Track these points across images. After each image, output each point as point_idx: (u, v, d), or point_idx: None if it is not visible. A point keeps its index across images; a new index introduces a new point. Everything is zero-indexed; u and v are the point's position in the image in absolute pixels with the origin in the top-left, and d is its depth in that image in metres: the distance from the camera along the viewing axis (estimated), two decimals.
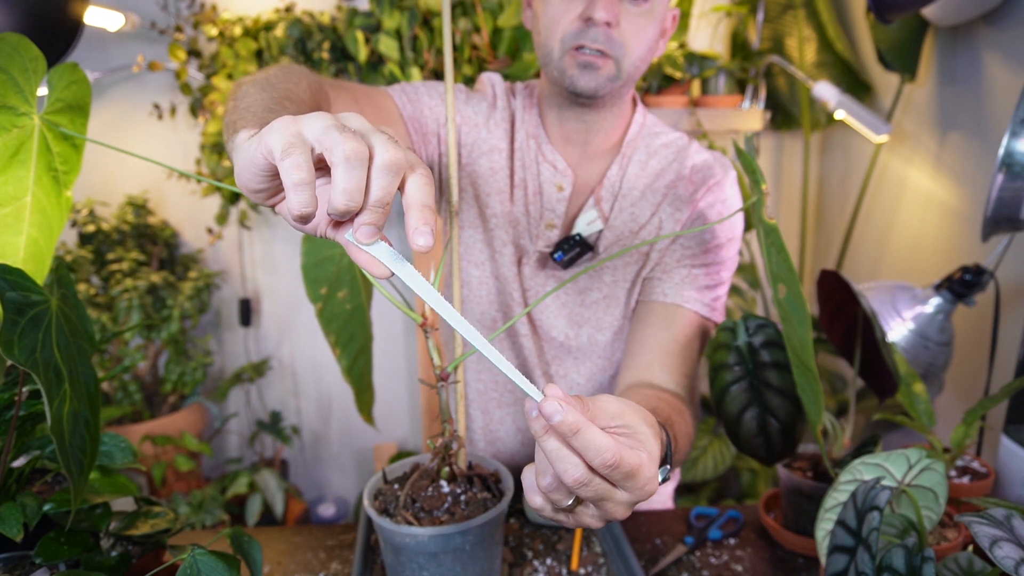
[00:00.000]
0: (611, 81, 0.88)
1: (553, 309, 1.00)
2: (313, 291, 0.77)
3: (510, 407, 1.09)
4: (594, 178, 0.97)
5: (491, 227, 0.98)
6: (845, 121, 1.66)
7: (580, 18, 0.85)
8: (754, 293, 2.01)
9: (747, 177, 0.80)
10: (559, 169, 0.96)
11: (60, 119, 0.66)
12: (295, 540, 1.02)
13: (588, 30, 0.85)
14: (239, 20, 1.89)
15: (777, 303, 0.82)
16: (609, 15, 0.83)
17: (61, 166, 0.67)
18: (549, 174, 0.96)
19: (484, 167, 0.98)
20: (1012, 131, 1.06)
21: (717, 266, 0.94)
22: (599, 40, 0.84)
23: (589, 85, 0.87)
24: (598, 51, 0.85)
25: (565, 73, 0.88)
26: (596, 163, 0.98)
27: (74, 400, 0.57)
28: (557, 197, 0.96)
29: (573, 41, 0.86)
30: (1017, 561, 0.56)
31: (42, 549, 0.68)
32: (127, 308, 1.81)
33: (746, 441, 0.96)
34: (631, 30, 0.86)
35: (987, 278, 1.20)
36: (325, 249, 0.77)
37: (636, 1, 0.85)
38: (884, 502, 0.62)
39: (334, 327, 0.80)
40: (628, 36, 0.86)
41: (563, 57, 0.88)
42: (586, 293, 0.98)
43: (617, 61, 0.87)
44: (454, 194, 0.72)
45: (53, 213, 0.67)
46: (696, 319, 0.93)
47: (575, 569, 0.91)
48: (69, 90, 0.67)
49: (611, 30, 0.84)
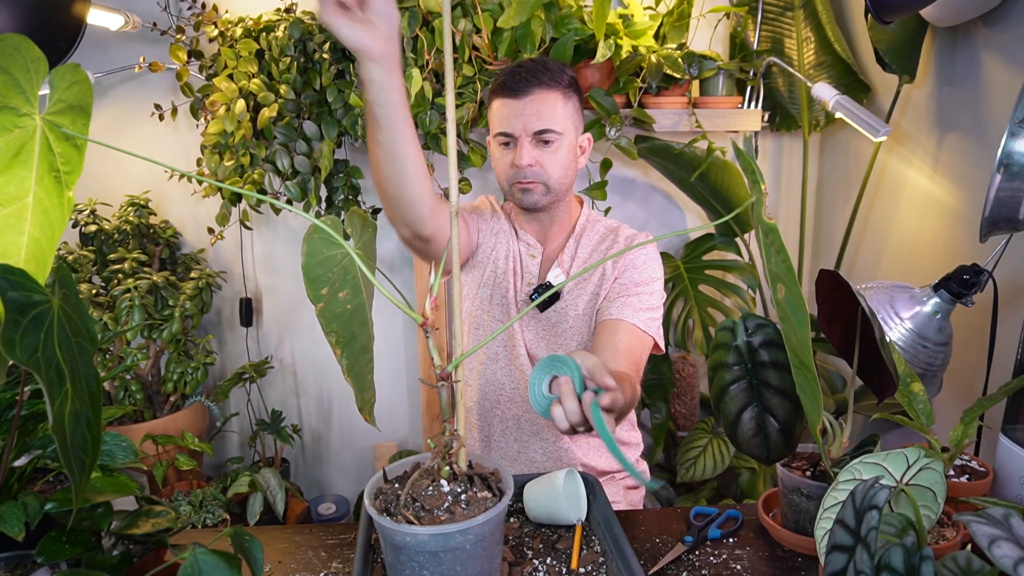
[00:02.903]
0: (544, 195, 1.28)
1: (534, 340, 1.36)
2: (314, 291, 0.76)
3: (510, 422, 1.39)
4: (556, 250, 1.38)
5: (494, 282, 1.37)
6: (844, 121, 1.66)
7: (513, 165, 1.26)
8: (754, 293, 2.01)
9: (746, 177, 0.80)
10: (531, 244, 1.38)
11: (62, 119, 0.66)
12: (296, 539, 1.02)
13: (519, 171, 1.26)
14: (240, 21, 1.89)
15: (776, 303, 0.82)
16: (528, 160, 1.24)
17: (63, 166, 0.67)
18: (525, 248, 1.38)
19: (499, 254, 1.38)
20: (1010, 131, 1.06)
21: (647, 296, 1.27)
22: (528, 176, 1.26)
23: (529, 201, 1.29)
24: (529, 182, 1.26)
25: (515, 196, 1.30)
26: (555, 244, 1.38)
27: (75, 400, 0.58)
28: (532, 263, 1.37)
29: (512, 180, 1.28)
30: (1015, 560, 0.57)
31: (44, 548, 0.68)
32: (128, 308, 1.81)
33: (745, 440, 0.97)
34: (549, 163, 1.26)
35: (985, 278, 1.20)
36: (326, 249, 0.76)
37: (546, 146, 1.25)
38: (883, 501, 0.63)
39: (335, 327, 0.79)
40: (547, 167, 1.26)
41: (510, 188, 1.30)
42: (559, 326, 1.35)
43: (545, 183, 1.27)
44: (453, 195, 0.73)
45: (55, 213, 0.67)
46: (633, 329, 1.24)
47: (575, 568, 0.91)
48: (71, 91, 0.67)
49: (533, 168, 1.25)
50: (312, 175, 1.86)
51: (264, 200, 0.65)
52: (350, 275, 0.79)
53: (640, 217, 2.22)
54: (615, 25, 1.83)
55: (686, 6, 1.89)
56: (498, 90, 1.27)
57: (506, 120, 1.25)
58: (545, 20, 1.73)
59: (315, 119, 1.85)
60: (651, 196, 2.22)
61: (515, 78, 1.24)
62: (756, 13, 1.93)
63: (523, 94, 1.23)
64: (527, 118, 1.23)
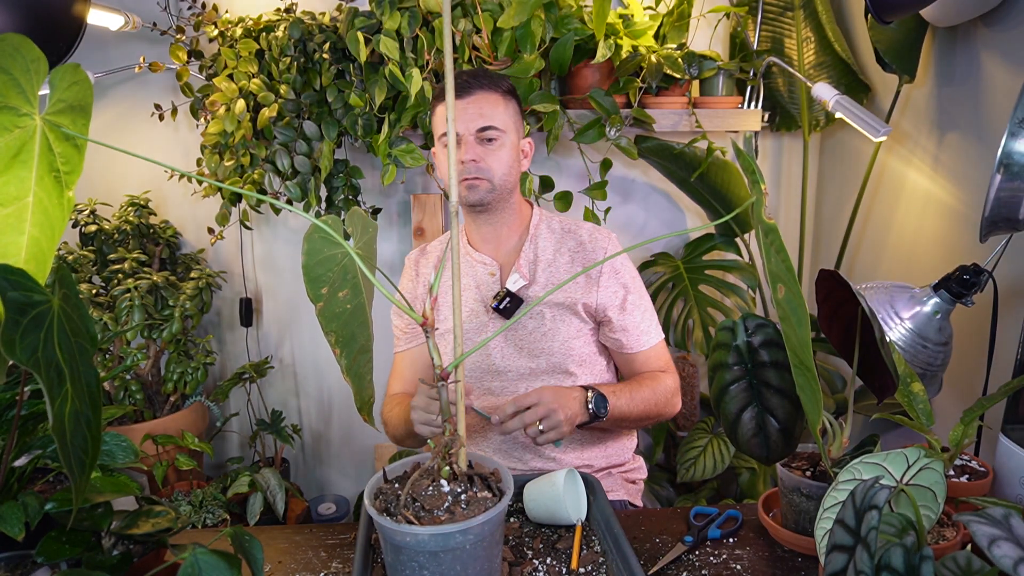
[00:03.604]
0: (489, 192, 1.32)
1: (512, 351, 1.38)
2: (314, 290, 0.76)
3: None
4: (511, 255, 1.41)
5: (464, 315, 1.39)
6: (844, 121, 1.66)
7: (458, 163, 1.28)
8: (753, 293, 2.01)
9: (746, 177, 0.80)
10: (487, 263, 1.40)
11: (62, 120, 0.66)
12: (296, 539, 1.02)
13: (464, 167, 1.30)
14: (240, 21, 1.89)
15: (776, 303, 0.82)
16: (473, 155, 1.29)
17: (63, 166, 0.67)
18: (482, 269, 1.40)
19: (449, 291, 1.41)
20: (1010, 131, 1.06)
21: (640, 299, 1.39)
22: (472, 171, 1.30)
23: (475, 197, 1.32)
24: (474, 178, 1.30)
25: (461, 195, 1.32)
26: (508, 248, 1.41)
27: (75, 400, 0.58)
28: (491, 281, 1.40)
29: (458, 177, 1.30)
30: (1015, 560, 0.57)
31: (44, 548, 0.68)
32: (128, 308, 1.81)
33: (745, 440, 0.97)
34: (492, 160, 1.31)
35: (985, 278, 1.20)
36: (326, 249, 0.76)
37: (489, 143, 1.30)
38: (883, 501, 0.63)
39: (335, 327, 0.79)
40: (491, 164, 1.30)
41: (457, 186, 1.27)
42: (535, 332, 1.37)
43: (489, 180, 1.31)
44: (452, 195, 0.73)
45: (55, 213, 0.67)
46: (654, 347, 1.39)
47: (575, 568, 0.91)
48: (71, 91, 0.67)
49: (478, 163, 1.29)
50: (312, 175, 1.86)
51: (264, 200, 0.65)
52: (350, 275, 0.79)
53: (640, 217, 2.22)
54: (615, 25, 1.83)
55: (686, 6, 1.89)
56: (440, 95, 1.32)
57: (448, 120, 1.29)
58: (545, 20, 1.73)
59: (315, 119, 1.85)
60: (651, 196, 2.22)
61: (456, 82, 1.28)
62: (756, 13, 1.93)
63: (465, 95, 1.29)
64: (470, 117, 1.29)
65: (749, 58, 1.93)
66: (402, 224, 2.20)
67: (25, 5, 1.54)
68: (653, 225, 2.23)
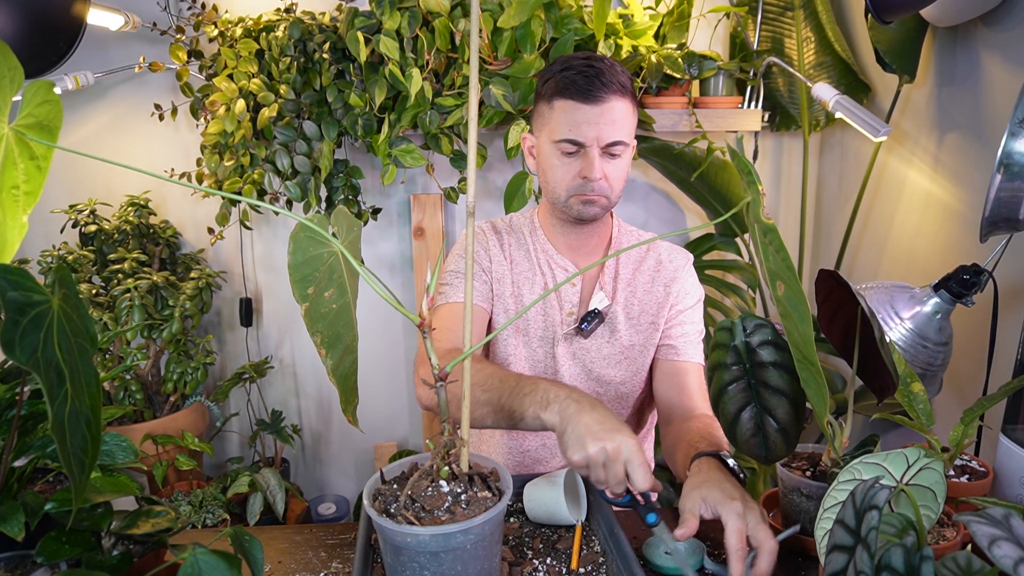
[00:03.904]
0: (605, 209, 1.21)
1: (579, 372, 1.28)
2: (300, 291, 0.75)
3: None
4: (595, 269, 1.29)
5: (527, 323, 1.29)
6: (844, 121, 1.66)
7: (579, 176, 1.16)
8: (753, 293, 2.01)
9: (743, 178, 0.80)
10: (569, 271, 1.28)
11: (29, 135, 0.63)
12: (296, 539, 1.02)
13: (587, 183, 1.16)
14: (240, 21, 1.89)
15: (776, 300, 0.82)
16: (600, 174, 1.15)
17: (24, 184, 0.63)
18: (562, 275, 1.28)
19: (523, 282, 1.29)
20: (1010, 131, 1.06)
21: (698, 322, 1.30)
22: (596, 190, 1.17)
23: (590, 214, 1.20)
24: (595, 195, 1.17)
25: (572, 208, 1.20)
26: (594, 258, 1.30)
27: (75, 399, 0.58)
28: (572, 291, 1.28)
29: (577, 192, 1.18)
30: (1016, 560, 0.56)
31: (43, 548, 0.68)
32: (128, 308, 1.81)
33: (744, 440, 0.97)
34: (614, 176, 1.17)
35: (985, 278, 1.20)
36: (312, 248, 0.75)
37: (613, 158, 1.16)
38: (883, 501, 0.63)
39: (320, 327, 0.78)
40: (612, 180, 1.18)
41: (567, 200, 1.19)
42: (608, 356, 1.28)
43: (608, 197, 1.19)
44: (471, 193, 0.73)
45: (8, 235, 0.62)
46: (700, 367, 1.28)
47: (575, 568, 0.91)
48: (42, 108, 0.63)
49: (602, 181, 1.16)
50: (312, 175, 1.86)
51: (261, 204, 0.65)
52: (336, 274, 0.78)
53: (640, 217, 2.22)
54: (615, 25, 1.83)
55: (686, 6, 1.89)
56: (565, 91, 1.13)
57: (576, 126, 1.13)
58: (545, 20, 1.73)
59: (315, 119, 1.85)
60: (651, 196, 2.22)
61: (587, 80, 1.11)
62: (756, 13, 1.93)
63: (598, 100, 1.11)
64: (602, 128, 1.12)
65: (749, 58, 1.93)
66: (402, 224, 2.20)
67: (25, 5, 1.54)
68: (653, 225, 2.23)
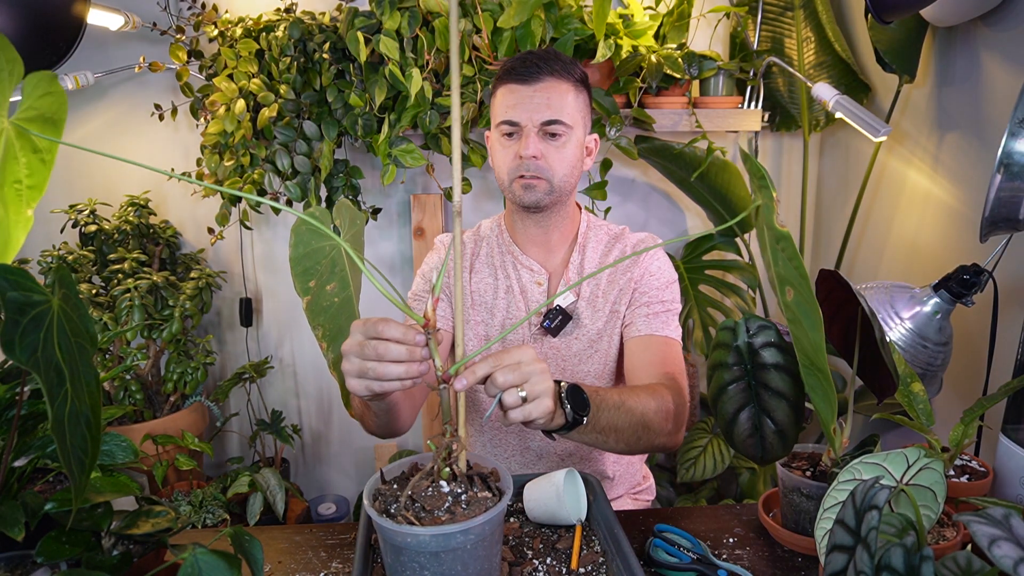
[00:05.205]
0: (547, 194, 1.19)
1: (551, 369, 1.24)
2: (301, 284, 0.74)
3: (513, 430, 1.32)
4: (560, 265, 1.29)
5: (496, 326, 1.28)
6: (844, 121, 1.66)
7: (516, 157, 1.17)
8: (753, 294, 2.01)
9: (752, 182, 0.80)
10: (535, 271, 1.28)
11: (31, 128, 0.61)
12: (296, 539, 1.02)
13: (523, 163, 1.17)
14: (240, 21, 1.89)
15: (784, 305, 0.82)
16: (534, 151, 1.15)
17: (27, 179, 0.61)
18: (528, 276, 1.28)
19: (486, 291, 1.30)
20: (1010, 131, 1.06)
21: (670, 302, 1.24)
22: (531, 169, 1.17)
23: (531, 199, 1.19)
24: (533, 176, 1.17)
25: (515, 194, 1.20)
26: (558, 254, 1.29)
27: (75, 400, 0.58)
28: (538, 291, 1.27)
29: (514, 174, 1.19)
30: (1016, 560, 0.56)
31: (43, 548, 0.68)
32: (128, 308, 1.81)
33: (740, 440, 0.97)
34: (554, 158, 1.17)
35: (985, 278, 1.20)
36: (314, 241, 0.75)
37: (553, 139, 1.17)
38: (883, 501, 0.63)
39: (322, 320, 0.78)
40: (552, 163, 1.17)
41: (511, 184, 1.20)
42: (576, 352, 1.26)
43: (548, 180, 1.18)
44: (456, 194, 0.73)
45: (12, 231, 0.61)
46: (665, 339, 1.21)
47: (575, 568, 0.91)
48: (44, 100, 0.61)
49: (538, 161, 1.16)
50: (312, 175, 1.86)
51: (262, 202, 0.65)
52: (338, 268, 0.78)
53: (640, 217, 2.22)
54: (615, 25, 1.83)
55: (686, 6, 1.89)
56: (505, 76, 1.18)
57: (512, 108, 1.16)
58: (545, 20, 1.73)
59: (315, 119, 1.85)
60: (651, 196, 2.22)
61: (525, 64, 1.16)
62: (756, 13, 1.93)
63: (533, 80, 1.15)
64: (536, 106, 1.15)
65: (749, 58, 1.93)
66: (402, 224, 2.20)
67: (25, 5, 1.54)
68: (653, 225, 2.23)
